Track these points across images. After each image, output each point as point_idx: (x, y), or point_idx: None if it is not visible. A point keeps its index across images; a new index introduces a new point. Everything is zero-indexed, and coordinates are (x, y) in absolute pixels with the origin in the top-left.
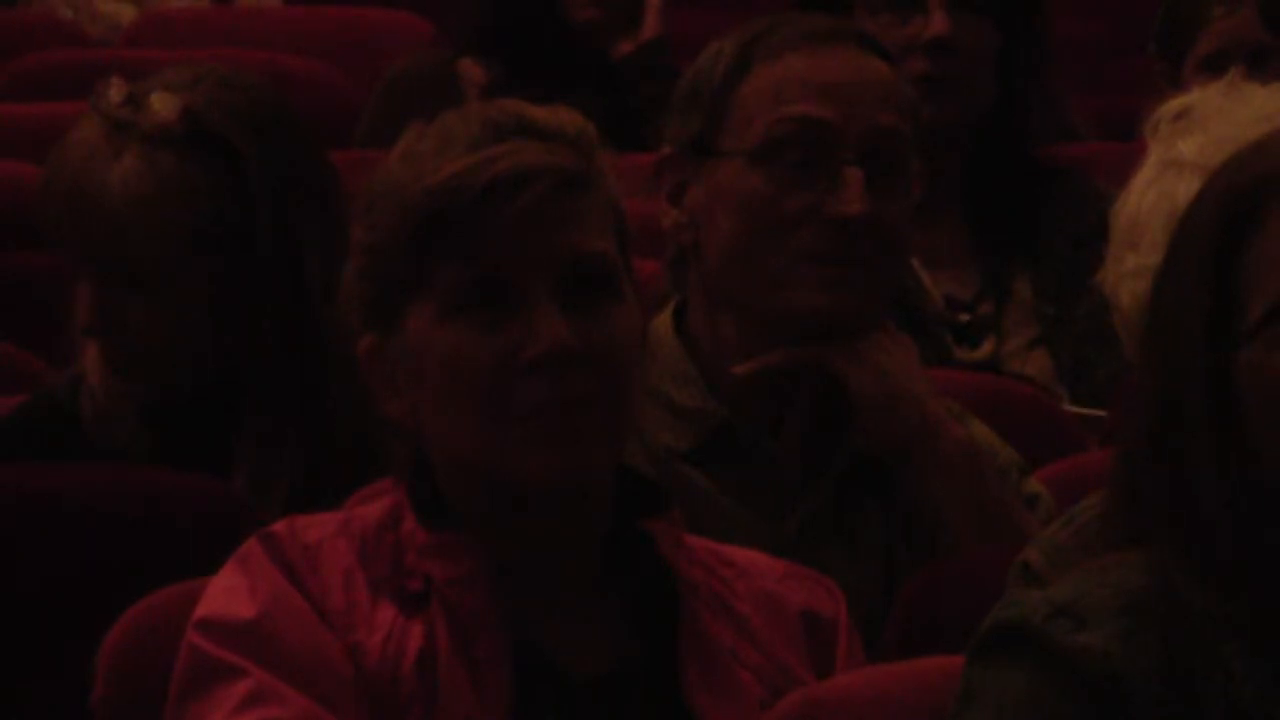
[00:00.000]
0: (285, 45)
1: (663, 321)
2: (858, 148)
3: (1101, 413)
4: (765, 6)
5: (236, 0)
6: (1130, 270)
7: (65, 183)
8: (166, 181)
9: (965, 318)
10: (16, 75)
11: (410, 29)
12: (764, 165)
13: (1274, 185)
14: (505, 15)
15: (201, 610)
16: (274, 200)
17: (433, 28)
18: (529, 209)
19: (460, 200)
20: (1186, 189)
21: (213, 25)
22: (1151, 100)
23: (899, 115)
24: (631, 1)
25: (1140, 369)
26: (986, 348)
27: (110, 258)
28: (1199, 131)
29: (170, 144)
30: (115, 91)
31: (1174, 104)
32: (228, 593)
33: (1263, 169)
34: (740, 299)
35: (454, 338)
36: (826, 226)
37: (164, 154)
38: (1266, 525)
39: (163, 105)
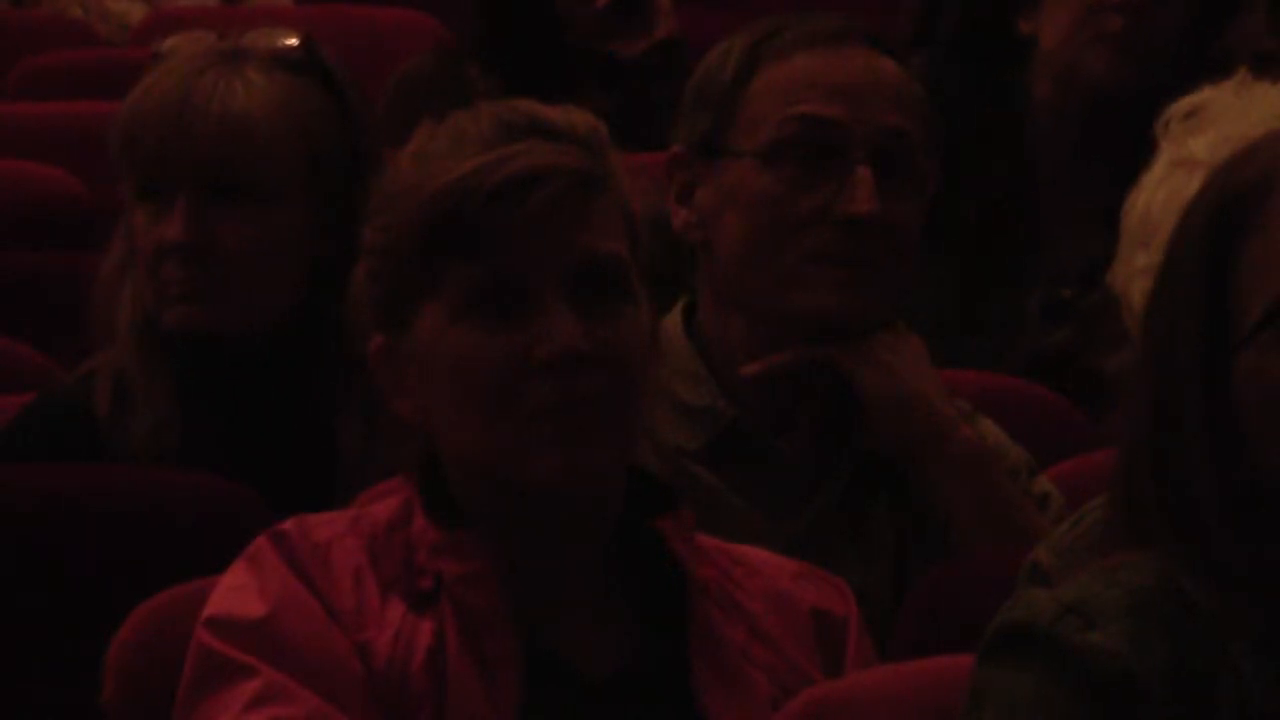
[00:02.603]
0: None
1: (672, 321)
2: (867, 147)
3: None
4: (774, 7)
5: (247, 0)
6: (1141, 269)
7: (169, 97)
8: (289, 96)
9: (1066, 294)
10: (27, 74)
11: (421, 28)
12: (773, 165)
13: (1270, 186)
14: (499, 23)
15: (211, 609)
16: (369, 146)
17: (443, 27)
18: (541, 209)
19: (472, 200)
20: (1197, 187)
21: (224, 24)
22: None
23: (908, 115)
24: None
25: (1138, 369)
26: (1066, 333)
27: (219, 167)
28: (1210, 130)
29: (289, 67)
30: (199, 38)
31: (1184, 102)
32: (237, 591)
33: (1259, 170)
34: (749, 299)
35: (465, 338)
36: (836, 227)
37: (283, 74)
38: (1266, 527)
39: (280, 33)
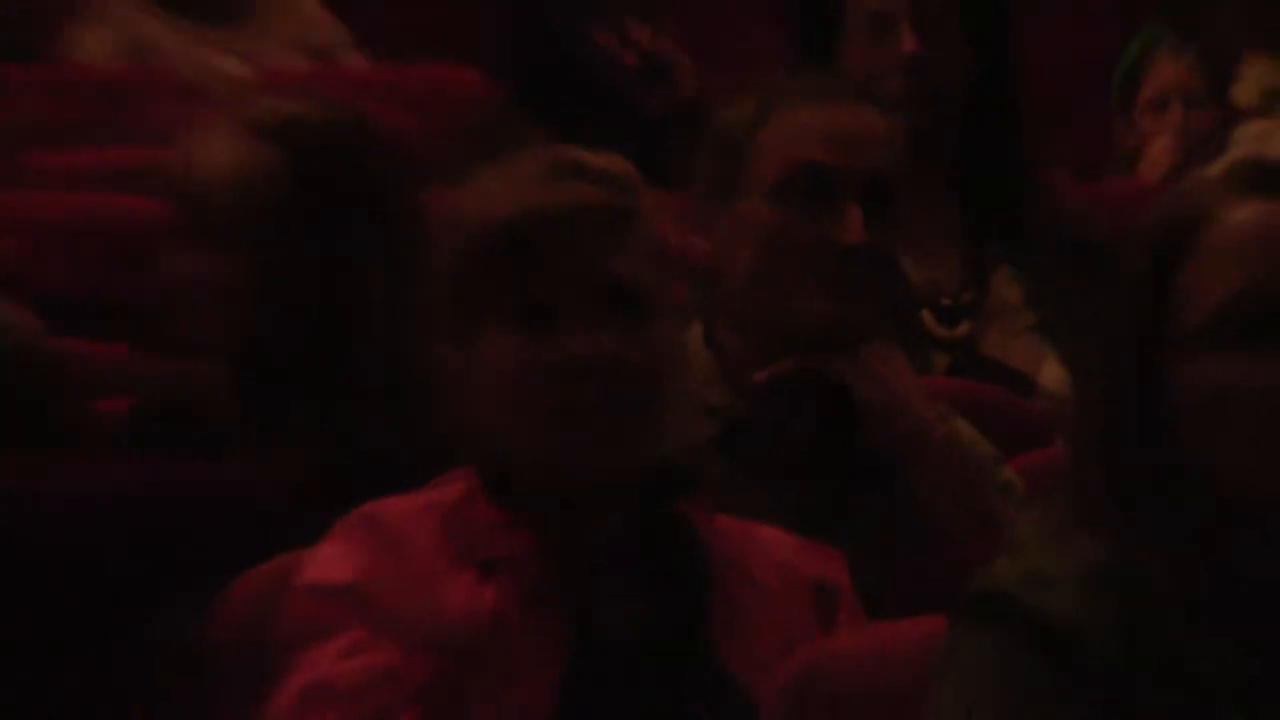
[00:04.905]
0: (369, 100)
1: (694, 336)
2: (857, 188)
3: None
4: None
5: (330, 60)
6: None
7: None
8: (222, 159)
9: (946, 302)
10: None
11: (473, 83)
12: (778, 202)
13: (1204, 217)
14: (539, 80)
15: (305, 575)
16: (320, 212)
17: (491, 82)
18: (580, 241)
19: (522, 231)
20: None
21: (311, 84)
22: (1114, 145)
23: (891, 159)
24: (664, 57)
25: (1087, 374)
26: (964, 329)
27: (181, 215)
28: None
29: (257, 132)
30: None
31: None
32: (329, 560)
33: (1192, 203)
34: (757, 316)
35: (515, 350)
36: (831, 254)
37: (249, 138)
38: (1197, 508)
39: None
